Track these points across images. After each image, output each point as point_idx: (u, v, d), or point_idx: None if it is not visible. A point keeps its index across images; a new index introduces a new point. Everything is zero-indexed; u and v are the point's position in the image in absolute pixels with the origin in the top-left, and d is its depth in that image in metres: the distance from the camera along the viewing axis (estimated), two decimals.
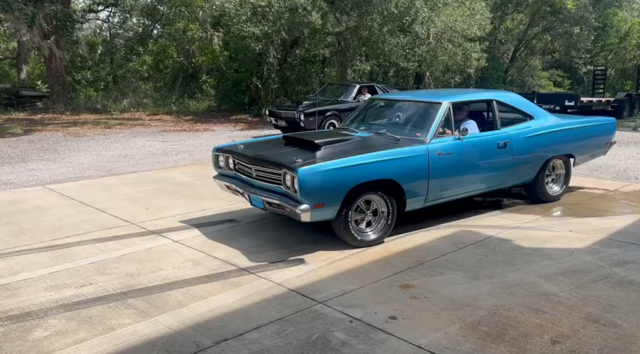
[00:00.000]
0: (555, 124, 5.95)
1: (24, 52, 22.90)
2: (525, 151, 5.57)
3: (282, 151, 4.86)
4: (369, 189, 4.51)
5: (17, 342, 3.01)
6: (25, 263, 4.24)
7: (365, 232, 4.63)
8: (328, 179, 4.23)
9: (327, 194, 4.25)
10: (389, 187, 4.63)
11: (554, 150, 5.92)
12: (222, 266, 4.16)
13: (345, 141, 4.96)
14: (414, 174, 4.72)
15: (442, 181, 4.95)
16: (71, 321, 3.27)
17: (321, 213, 4.29)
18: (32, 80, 23.49)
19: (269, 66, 17.84)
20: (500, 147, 5.34)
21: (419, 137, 4.92)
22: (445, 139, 4.99)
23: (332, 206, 4.32)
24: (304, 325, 3.21)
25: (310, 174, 4.16)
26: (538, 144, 5.70)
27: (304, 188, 4.13)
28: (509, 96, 6.03)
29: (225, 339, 3.03)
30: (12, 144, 11.24)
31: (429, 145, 4.82)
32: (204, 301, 3.54)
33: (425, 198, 4.88)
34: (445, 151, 4.91)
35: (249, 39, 16.56)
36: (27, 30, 16.66)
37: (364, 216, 4.62)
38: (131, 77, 24.12)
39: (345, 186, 4.31)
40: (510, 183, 5.75)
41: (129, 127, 14.78)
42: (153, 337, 3.07)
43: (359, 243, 4.56)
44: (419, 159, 4.74)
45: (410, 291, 3.71)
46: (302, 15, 15.17)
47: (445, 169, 4.92)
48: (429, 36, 16.33)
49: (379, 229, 4.68)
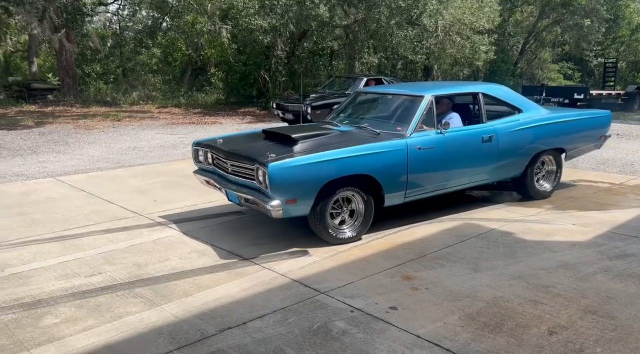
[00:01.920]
0: (545, 117, 5.83)
1: (35, 46, 23.11)
2: (512, 145, 5.44)
3: (258, 145, 4.77)
4: (345, 184, 4.43)
5: (28, 329, 3.12)
6: (37, 253, 4.36)
7: (341, 230, 4.54)
8: (300, 175, 4.16)
9: (299, 190, 4.18)
10: (367, 183, 4.55)
11: (543, 144, 5.78)
12: (227, 257, 4.25)
13: (324, 135, 4.84)
14: (391, 169, 4.62)
15: (422, 176, 4.87)
16: (81, 309, 3.37)
17: (294, 209, 4.22)
18: (43, 73, 23.74)
19: (277, 59, 17.88)
20: (485, 142, 5.23)
21: (400, 132, 4.82)
22: (427, 133, 4.87)
23: (306, 202, 4.24)
24: (306, 315, 3.28)
25: (281, 169, 4.09)
26: (526, 138, 5.58)
27: (275, 184, 4.07)
28: (496, 89, 5.88)
29: (230, 328, 3.12)
30: (24, 136, 11.41)
31: (408, 139, 4.72)
32: (209, 290, 3.63)
33: (405, 194, 4.79)
34: (426, 146, 4.81)
35: (257, 32, 16.59)
36: (38, 24, 16.80)
37: (341, 212, 4.55)
38: (140, 71, 24.28)
39: (318, 181, 4.23)
40: (497, 178, 5.64)
41: (138, 120, 14.92)
42: (159, 325, 3.16)
43: (336, 241, 4.49)
44: (397, 154, 4.64)
45: (412, 282, 3.77)
46: (310, 8, 15.16)
47: (425, 164, 4.83)
48: (437, 29, 16.26)
49: (356, 226, 4.59)
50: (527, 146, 5.63)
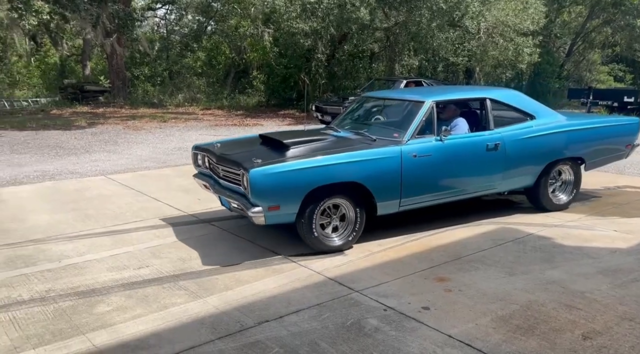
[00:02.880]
0: (560, 124, 5.48)
1: (88, 50, 24.27)
2: (521, 154, 5.16)
3: (250, 150, 4.71)
4: (333, 192, 4.32)
5: (83, 315, 3.37)
6: (90, 246, 4.66)
7: (330, 238, 4.44)
8: (283, 181, 4.08)
9: (282, 196, 4.11)
10: (357, 191, 4.42)
11: (557, 153, 5.45)
12: (266, 254, 4.43)
13: (318, 141, 4.73)
14: (383, 176, 4.46)
15: (419, 184, 4.67)
16: (130, 298, 3.61)
17: (277, 216, 4.16)
18: (96, 75, 24.89)
19: (317, 62, 18.09)
20: (489, 149, 4.97)
21: (396, 138, 4.65)
22: (425, 140, 4.69)
23: (290, 209, 4.17)
24: (340, 311, 3.40)
25: (263, 175, 4.03)
26: (537, 146, 5.25)
27: (255, 189, 4.03)
28: (506, 94, 5.58)
29: (267, 321, 3.28)
30: (78, 136, 12.05)
31: (402, 146, 4.54)
32: (248, 285, 3.81)
33: (399, 202, 4.62)
34: (423, 153, 4.62)
35: (298, 35, 16.86)
36: (92, 29, 17.68)
37: (331, 220, 4.44)
38: (186, 73, 25.06)
39: (302, 188, 4.14)
40: (504, 188, 5.31)
41: (183, 121, 15.44)
42: (202, 316, 3.36)
43: (324, 248, 4.39)
44: (389, 161, 4.47)
45: (445, 284, 3.83)
46: (351, 11, 15.28)
47: (421, 171, 4.64)
48: (479, 31, 16.04)
49: (345, 235, 4.48)
50: (538, 154, 5.31)
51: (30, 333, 3.12)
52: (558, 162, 5.52)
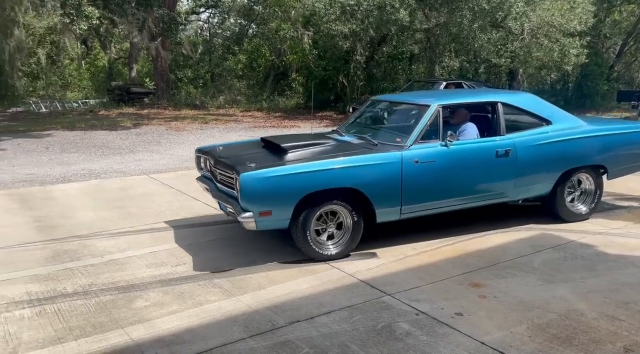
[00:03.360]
0: (579, 130, 5.18)
1: (135, 53, 25.14)
2: (534, 161, 4.89)
3: (248, 154, 4.65)
4: (329, 198, 4.21)
5: (123, 309, 3.50)
6: (132, 243, 4.83)
7: (326, 246, 4.32)
8: (274, 186, 4.00)
9: (273, 202, 4.04)
10: (355, 197, 4.29)
11: (575, 161, 5.14)
12: (298, 254, 4.45)
13: (318, 145, 4.62)
14: (381, 183, 4.31)
15: (421, 191, 4.50)
16: (167, 295, 3.72)
17: (270, 222, 4.09)
18: (141, 78, 25.76)
19: (356, 64, 18.07)
20: (500, 156, 4.74)
21: (399, 143, 4.50)
22: (430, 145, 4.52)
23: (282, 215, 4.09)
24: (371, 314, 3.40)
25: (253, 180, 3.96)
26: (553, 153, 4.96)
27: (246, 194, 3.97)
28: (520, 98, 5.34)
29: (298, 321, 3.31)
30: (123, 136, 12.50)
31: (404, 152, 4.38)
32: (281, 285, 3.86)
33: (400, 210, 4.45)
34: (425, 159, 4.45)
35: (337, 37, 16.89)
36: (138, 33, 18.33)
37: (327, 227, 4.32)
38: (227, 76, 25.58)
39: (295, 194, 4.05)
40: (518, 197, 5.03)
41: (223, 122, 15.75)
42: (235, 314, 3.42)
43: (320, 257, 4.28)
44: (388, 167, 4.32)
45: (480, 290, 3.76)
46: (391, 12, 15.18)
47: (425, 178, 4.47)
48: (523, 32, 15.60)
49: (342, 243, 4.35)
50: (554, 162, 5.01)
51: (73, 325, 3.27)
52: (577, 171, 5.21)
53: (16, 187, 7.12)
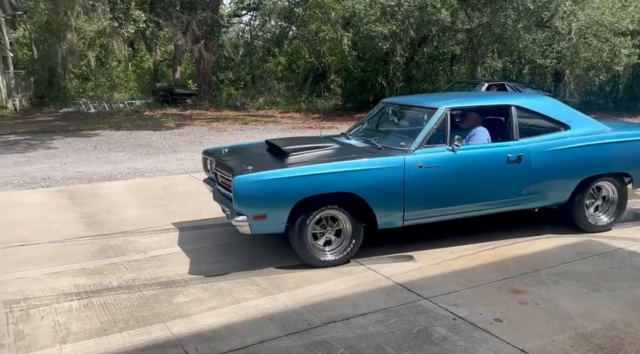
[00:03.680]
0: (599, 135, 4.89)
1: (179, 55, 25.84)
2: (549, 167, 4.64)
3: (250, 156, 4.59)
4: (327, 202, 4.11)
5: (164, 304, 3.61)
6: (172, 239, 4.97)
7: (323, 252, 4.22)
8: (269, 190, 3.93)
9: (268, 205, 3.97)
10: (354, 202, 4.17)
11: (595, 167, 4.86)
12: None
13: (320, 148, 4.55)
14: (382, 188, 4.17)
15: (425, 197, 4.33)
16: (206, 291, 3.81)
17: (264, 226, 4.03)
18: (185, 79, 26.47)
19: (395, 65, 17.96)
20: (511, 162, 4.51)
21: (403, 147, 4.36)
22: (436, 149, 4.37)
23: (278, 219, 4.00)
24: (407, 317, 3.37)
25: (247, 182, 3.91)
26: (570, 159, 4.71)
27: (239, 197, 3.92)
28: (536, 101, 5.09)
29: (333, 321, 3.32)
30: (166, 136, 12.86)
31: (406, 156, 4.24)
32: (317, 285, 3.88)
33: (402, 216, 4.30)
34: (430, 164, 4.28)
35: (377, 38, 16.83)
36: (182, 36, 18.82)
37: (325, 232, 4.22)
38: (267, 77, 25.89)
39: (290, 198, 3.96)
40: (532, 204, 4.78)
41: (262, 123, 15.96)
42: (271, 312, 3.47)
43: (317, 262, 4.18)
44: (390, 172, 4.18)
45: (521, 296, 3.67)
46: (431, 13, 15.01)
47: (429, 184, 4.31)
48: (570, 31, 15.10)
49: (340, 249, 4.24)
50: (571, 168, 4.75)
51: (117, 318, 3.40)
52: (597, 178, 4.92)
53: (66, 184, 7.46)
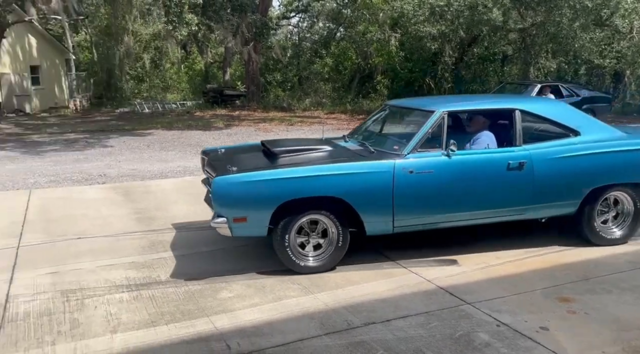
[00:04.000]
0: (613, 143, 4.57)
1: (229, 57, 26.49)
2: (554, 175, 4.36)
3: (240, 157, 4.55)
4: (312, 206, 4.01)
5: (208, 299, 3.72)
6: (218, 236, 5.08)
7: (305, 257, 4.11)
8: (248, 192, 3.86)
9: (248, 208, 3.90)
10: (341, 207, 4.03)
11: (607, 177, 4.54)
12: (377, 257, 4.46)
13: (312, 151, 4.46)
14: (370, 193, 4.02)
15: (417, 204, 4.15)
16: (249, 287, 3.90)
17: (245, 229, 3.96)
18: (234, 81, 27.07)
19: (444, 65, 17.68)
20: (512, 169, 4.27)
21: (396, 151, 4.21)
22: (430, 154, 4.19)
23: (259, 223, 3.93)
24: (449, 322, 3.33)
25: (226, 184, 3.87)
26: (577, 168, 4.41)
27: (217, 198, 3.89)
28: (543, 105, 4.80)
29: (373, 323, 3.32)
30: (215, 136, 13.21)
31: (396, 161, 4.08)
32: (358, 286, 3.89)
33: (392, 222, 4.14)
34: (422, 169, 4.11)
35: (425, 38, 16.62)
36: (232, 38, 19.26)
37: (309, 238, 4.11)
38: (313, 78, 26.08)
39: (272, 200, 3.88)
40: (535, 215, 4.51)
41: (308, 124, 16.10)
42: (312, 311, 3.51)
43: (299, 269, 4.08)
44: (378, 177, 4.04)
45: (569, 305, 3.54)
46: (482, 12, 14.66)
47: (420, 190, 4.12)
48: (631, 30, 14.35)
49: (325, 256, 4.13)
50: (579, 177, 4.45)
51: (164, 310, 3.53)
52: (609, 188, 4.60)
53: (120, 181, 7.81)
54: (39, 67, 22.68)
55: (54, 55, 24.26)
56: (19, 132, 14.51)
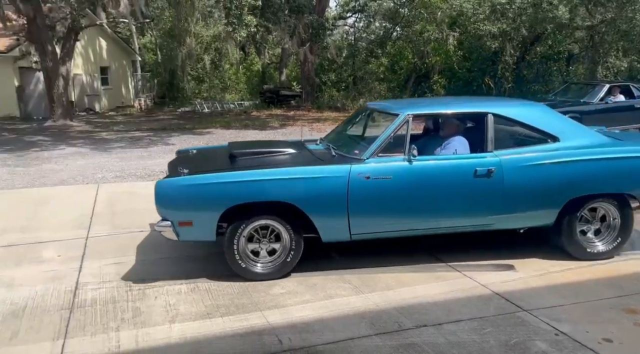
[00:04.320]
0: (592, 150, 4.21)
1: (285, 58, 26.84)
2: (526, 184, 4.08)
3: (202, 159, 4.50)
4: (263, 211, 3.91)
5: (261, 294, 3.81)
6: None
7: (255, 263, 4.01)
8: (191, 195, 3.80)
9: (193, 211, 3.83)
10: (294, 213, 3.90)
11: (587, 187, 4.21)
12: (429, 260, 4.40)
13: (273, 154, 4.39)
14: (322, 199, 3.87)
15: (374, 211, 3.97)
16: (300, 285, 3.95)
17: (192, 233, 3.90)
18: (290, 81, 27.41)
19: (504, 65, 17.11)
20: (479, 176, 4.02)
21: (356, 155, 4.06)
22: (390, 159, 4.02)
23: (205, 227, 3.85)
24: (504, 328, 3.23)
25: (168, 187, 3.83)
26: (553, 176, 4.09)
27: (159, 202, 3.84)
28: (519, 109, 4.47)
29: (425, 325, 3.29)
30: (271, 135, 13.45)
31: (352, 165, 3.92)
32: (409, 287, 3.86)
33: (348, 229, 3.99)
34: (379, 175, 3.92)
35: (485, 37, 16.16)
36: (289, 39, 19.53)
37: (260, 242, 4.03)
38: (368, 78, 25.95)
39: (217, 205, 3.79)
40: (506, 225, 4.26)
41: None
42: (362, 310, 3.52)
43: (250, 275, 3.99)
44: (331, 182, 3.88)
45: (636, 317, 3.35)
46: (547, 9, 14.07)
47: (377, 196, 3.93)
48: None
49: (274, 263, 4.03)
50: (556, 186, 4.13)
51: (219, 303, 3.65)
52: (590, 199, 4.27)
53: None
54: (108, 68, 23.97)
55: (121, 57, 25.56)
56: (89, 129, 15.41)
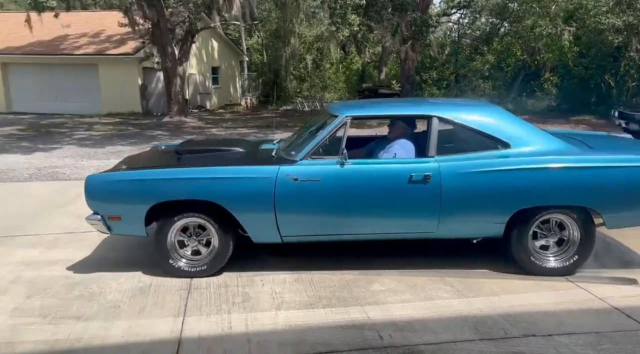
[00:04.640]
0: (545, 158, 3.86)
1: (385, 56, 26.74)
2: (465, 192, 3.84)
3: (155, 156, 4.63)
4: (189, 209, 3.94)
5: (362, 289, 3.87)
6: None
7: (179, 263, 4.05)
8: (116, 191, 3.92)
9: (119, 207, 3.94)
10: (221, 212, 3.90)
11: (537, 198, 3.88)
12: None
13: (220, 151, 4.43)
14: (248, 199, 3.86)
15: (302, 214, 3.92)
16: (400, 283, 3.97)
17: (122, 228, 4.02)
18: (389, 80, 27.25)
19: (628, 61, 15.58)
20: (414, 182, 3.83)
21: (292, 156, 4.00)
22: (322, 162, 3.91)
23: (134, 222, 3.92)
24: (624, 346, 3.01)
25: (95, 182, 3.98)
26: (495, 185, 3.82)
27: (87, 195, 3.97)
28: (468, 113, 4.10)
29: (533, 335, 3.15)
30: (367, 133, 13.49)
31: (281, 166, 3.87)
32: (516, 295, 3.71)
33: (278, 232, 3.95)
34: (308, 177, 3.84)
35: (607, 31, 14.84)
36: (391, 37, 19.40)
37: (190, 240, 4.06)
38: (472, 76, 24.98)
39: (142, 201, 3.86)
40: (446, 234, 4.03)
41: None
42: (465, 314, 3.45)
43: (174, 271, 4.02)
44: (258, 182, 3.86)
45: None
46: None
47: (304, 199, 3.87)
48: None
49: (200, 263, 4.05)
50: (500, 195, 3.86)
51: (321, 295, 3.78)
52: (542, 211, 3.96)
53: None
54: (218, 68, 25.51)
55: (230, 57, 27.06)
56: (201, 125, 16.55)
